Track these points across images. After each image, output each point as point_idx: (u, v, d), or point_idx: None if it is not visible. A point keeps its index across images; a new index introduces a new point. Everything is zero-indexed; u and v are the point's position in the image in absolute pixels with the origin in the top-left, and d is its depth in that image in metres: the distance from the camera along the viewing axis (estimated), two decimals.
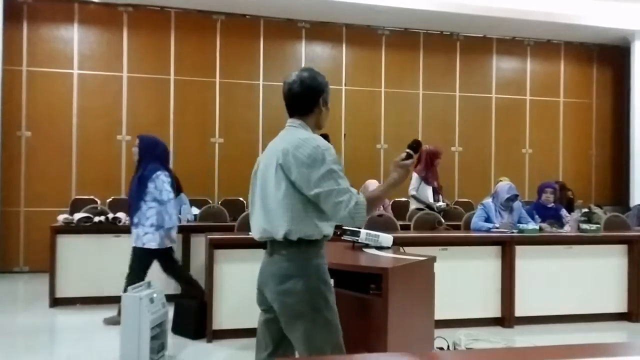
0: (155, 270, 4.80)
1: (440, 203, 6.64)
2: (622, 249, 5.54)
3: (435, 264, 3.51)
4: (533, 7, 8.41)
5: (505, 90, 9.38)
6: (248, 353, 4.34)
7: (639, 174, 8.98)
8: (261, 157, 2.38)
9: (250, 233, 2.43)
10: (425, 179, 6.60)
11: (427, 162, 6.63)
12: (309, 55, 8.66)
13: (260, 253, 4.71)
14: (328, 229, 2.26)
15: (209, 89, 8.31)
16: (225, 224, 6.12)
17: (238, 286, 4.56)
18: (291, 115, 2.35)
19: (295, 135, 2.24)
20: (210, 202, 7.55)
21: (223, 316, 4.55)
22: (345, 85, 8.66)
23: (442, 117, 9.03)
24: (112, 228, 5.68)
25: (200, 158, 8.18)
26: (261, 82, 8.47)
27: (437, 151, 6.73)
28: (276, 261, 2.24)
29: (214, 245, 4.57)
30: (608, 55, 9.82)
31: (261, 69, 8.48)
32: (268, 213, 2.23)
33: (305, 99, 2.31)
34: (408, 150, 2.29)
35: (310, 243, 2.22)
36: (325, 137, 2.43)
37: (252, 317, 4.59)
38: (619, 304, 5.49)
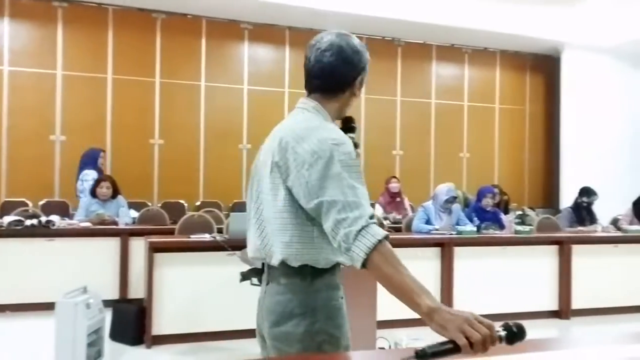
0: (93, 274, 4.65)
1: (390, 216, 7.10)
2: (553, 249, 5.79)
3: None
4: (471, 16, 8.68)
5: (444, 96, 9.63)
6: (189, 358, 4.27)
7: (568, 177, 9.40)
8: (263, 146, 1.75)
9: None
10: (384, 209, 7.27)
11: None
12: (252, 57, 8.61)
13: (204, 256, 4.61)
14: (333, 254, 1.61)
15: (149, 89, 8.11)
16: (165, 227, 5.98)
17: (179, 290, 4.48)
18: (310, 92, 1.70)
19: (300, 122, 1.61)
20: (150, 204, 7.37)
21: (163, 321, 4.45)
22: (288, 88, 8.66)
23: (384, 122, 9.17)
24: (45, 232, 5.44)
25: (139, 160, 7.97)
26: (203, 83, 8.35)
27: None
28: (274, 293, 1.63)
29: (153, 248, 4.46)
30: (540, 64, 10.25)
31: (203, 69, 8.36)
32: (262, 227, 1.63)
33: (339, 75, 1.66)
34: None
35: (318, 271, 1.60)
36: (348, 123, 1.78)
37: (193, 321, 4.55)
38: (551, 302, 5.74)
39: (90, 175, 6.48)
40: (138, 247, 5.45)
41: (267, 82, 8.61)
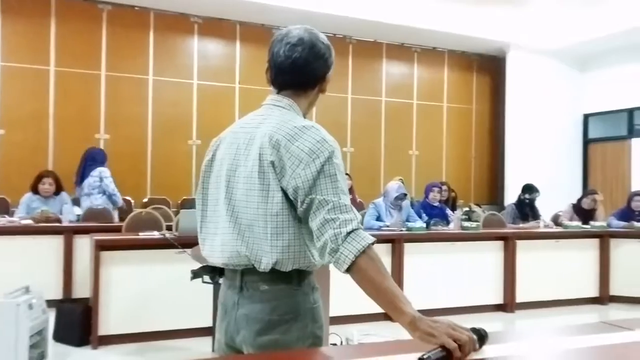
0: (35, 273, 4.47)
1: None
2: (499, 244, 5.97)
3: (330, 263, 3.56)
4: (420, 16, 8.81)
5: (394, 94, 9.75)
6: (137, 358, 4.17)
7: (512, 175, 9.70)
8: (219, 144, 1.67)
9: (203, 253, 1.68)
10: None
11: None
12: (202, 51, 8.47)
13: (152, 254, 4.50)
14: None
15: (94, 81, 7.85)
16: (111, 225, 5.82)
17: (126, 289, 4.37)
18: (280, 88, 1.66)
19: (286, 121, 1.54)
20: None
21: (110, 321, 4.33)
22: (239, 83, 8.57)
23: (335, 119, 9.19)
24: None
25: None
26: (151, 77, 8.16)
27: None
28: (254, 300, 1.54)
29: (100, 246, 4.33)
30: (486, 64, 10.52)
31: (151, 63, 8.16)
32: (244, 231, 1.52)
33: (311, 70, 1.62)
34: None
35: (304, 274, 1.57)
36: None
37: (141, 321, 4.44)
38: (496, 296, 5.91)
39: (108, 172, 6.38)
40: (83, 245, 5.27)
41: (218, 77, 8.49)
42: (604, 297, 6.38)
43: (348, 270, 1.38)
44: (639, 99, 9.45)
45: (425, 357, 1.22)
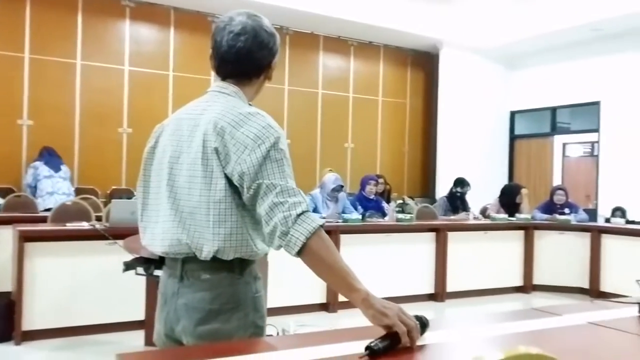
0: None
1: None
2: (431, 236, 6.13)
3: (269, 254, 3.54)
4: (357, 9, 8.88)
5: (330, 86, 9.79)
6: (64, 354, 4.00)
7: (444, 168, 9.98)
8: (162, 130, 1.62)
9: (143, 241, 1.63)
10: None
11: None
12: (134, 36, 8.18)
13: (81, 246, 4.33)
14: (264, 245, 1.56)
15: (16, 64, 7.41)
16: (35, 215, 5.55)
17: (53, 282, 4.18)
18: (225, 77, 1.62)
19: (231, 107, 1.52)
20: (16, 190, 6.79)
21: (35, 315, 4.13)
22: (173, 71, 8.34)
23: (271, 110, 8.82)
24: None
25: (5, 142, 7.28)
26: (79, 62, 7.79)
27: None
28: (194, 289, 1.51)
29: (24, 238, 4.11)
30: (420, 60, 10.75)
31: (79, 47, 7.80)
32: (185, 219, 1.49)
33: (255, 59, 1.60)
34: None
35: (246, 263, 1.55)
36: None
37: (68, 315, 4.26)
38: (428, 286, 6.07)
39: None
40: (4, 236, 4.98)
41: (150, 63, 8.23)
42: (527, 286, 6.69)
43: (299, 253, 1.38)
44: (562, 98, 9.94)
45: (373, 345, 1.22)
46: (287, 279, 5.08)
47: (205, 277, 1.51)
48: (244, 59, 1.58)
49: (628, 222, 6.75)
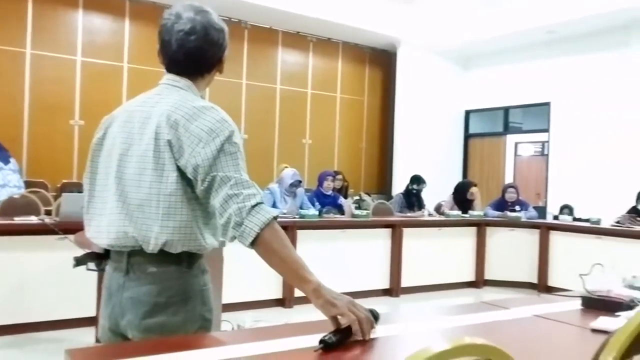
0: None
1: None
2: (387, 232, 6.21)
3: (224, 249, 3.52)
4: (316, 5, 8.89)
5: (289, 82, 9.77)
6: (12, 352, 3.88)
7: (400, 166, 10.11)
8: (112, 121, 1.58)
9: (88, 234, 1.60)
10: None
11: None
12: (87, 26, 7.96)
13: (29, 241, 4.21)
14: (213, 239, 1.56)
15: None
16: None
17: (0, 278, 4.03)
18: (177, 73, 1.60)
19: (184, 100, 1.50)
20: None
21: None
22: (127, 62, 8.16)
23: (229, 104, 9.02)
24: None
25: None
26: (28, 51, 7.54)
27: None
28: (140, 282, 1.49)
29: None
30: (378, 57, 10.84)
31: (29, 35, 7.54)
32: (133, 211, 1.47)
33: (206, 58, 1.59)
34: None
35: (194, 256, 1.53)
36: None
37: (17, 311, 4.13)
38: (383, 281, 6.15)
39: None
40: None
41: (104, 54, 8.03)
42: (479, 281, 6.87)
43: (252, 244, 1.38)
44: (515, 98, 10.21)
45: (327, 338, 1.24)
46: (242, 275, 5.06)
47: (151, 271, 1.49)
48: (195, 58, 1.57)
49: (575, 219, 6.99)
